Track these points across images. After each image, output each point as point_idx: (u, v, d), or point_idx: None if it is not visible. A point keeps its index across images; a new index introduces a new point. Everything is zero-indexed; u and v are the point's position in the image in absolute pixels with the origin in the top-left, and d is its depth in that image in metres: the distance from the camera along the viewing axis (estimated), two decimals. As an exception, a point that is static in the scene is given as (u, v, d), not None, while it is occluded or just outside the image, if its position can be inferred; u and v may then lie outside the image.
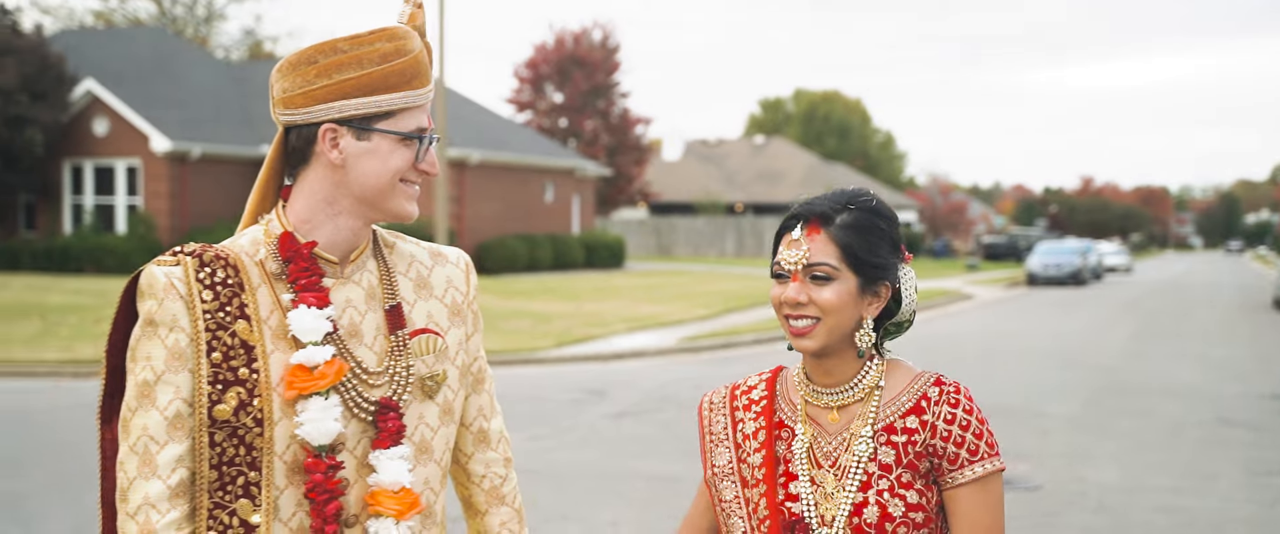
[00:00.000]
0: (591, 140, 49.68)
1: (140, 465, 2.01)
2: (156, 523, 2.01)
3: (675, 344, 18.17)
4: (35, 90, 30.39)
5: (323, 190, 2.12)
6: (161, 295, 2.04)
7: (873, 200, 2.17)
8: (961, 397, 2.13)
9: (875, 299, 2.14)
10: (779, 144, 68.22)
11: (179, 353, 2.03)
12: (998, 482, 2.13)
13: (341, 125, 2.08)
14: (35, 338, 16.97)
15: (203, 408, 2.02)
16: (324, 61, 2.07)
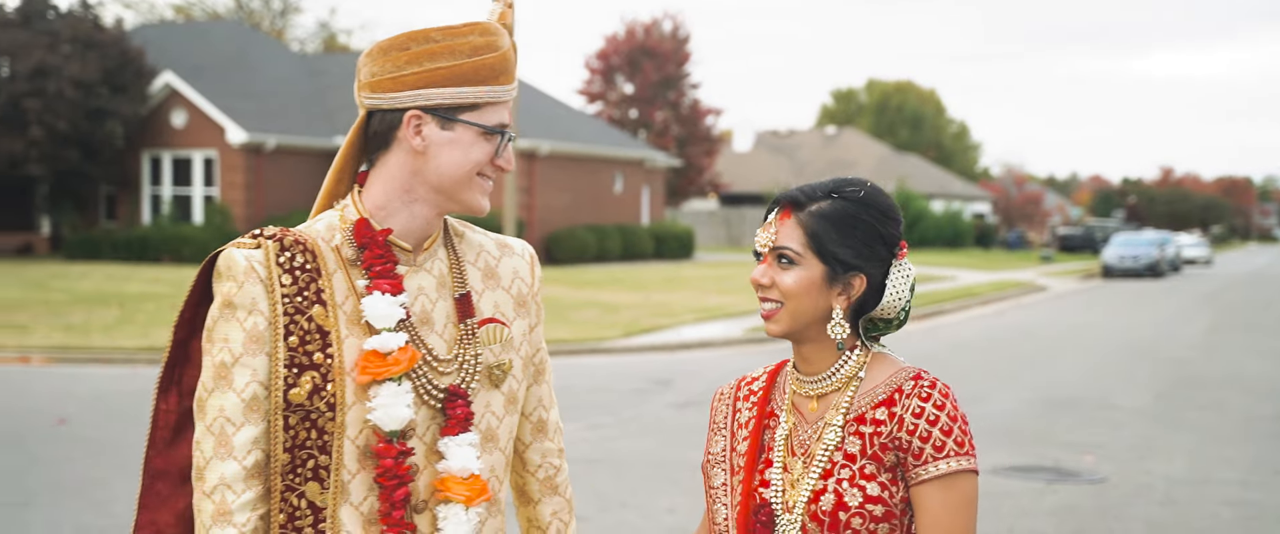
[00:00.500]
0: (662, 131, 49.71)
1: (216, 446, 2.04)
2: (232, 503, 2.04)
3: (742, 335, 18.17)
4: (116, 83, 31.03)
5: (401, 177, 2.14)
6: (242, 278, 2.06)
7: (861, 192, 2.13)
8: (935, 392, 2.07)
9: (846, 290, 2.11)
10: (850, 135, 67.79)
11: (257, 336, 2.06)
12: (966, 483, 2.05)
13: (426, 113, 2.10)
14: (114, 325, 17.37)
15: (278, 391, 2.05)
16: (416, 49, 2.10)
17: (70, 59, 30.45)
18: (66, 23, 31.61)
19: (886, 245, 2.13)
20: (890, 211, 2.14)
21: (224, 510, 2.03)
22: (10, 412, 10.98)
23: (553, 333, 17.39)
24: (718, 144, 52.29)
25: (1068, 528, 7.25)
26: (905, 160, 65.02)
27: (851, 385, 2.14)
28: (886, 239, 2.13)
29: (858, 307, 2.14)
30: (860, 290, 2.12)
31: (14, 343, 15.60)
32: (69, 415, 10.64)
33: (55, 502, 7.59)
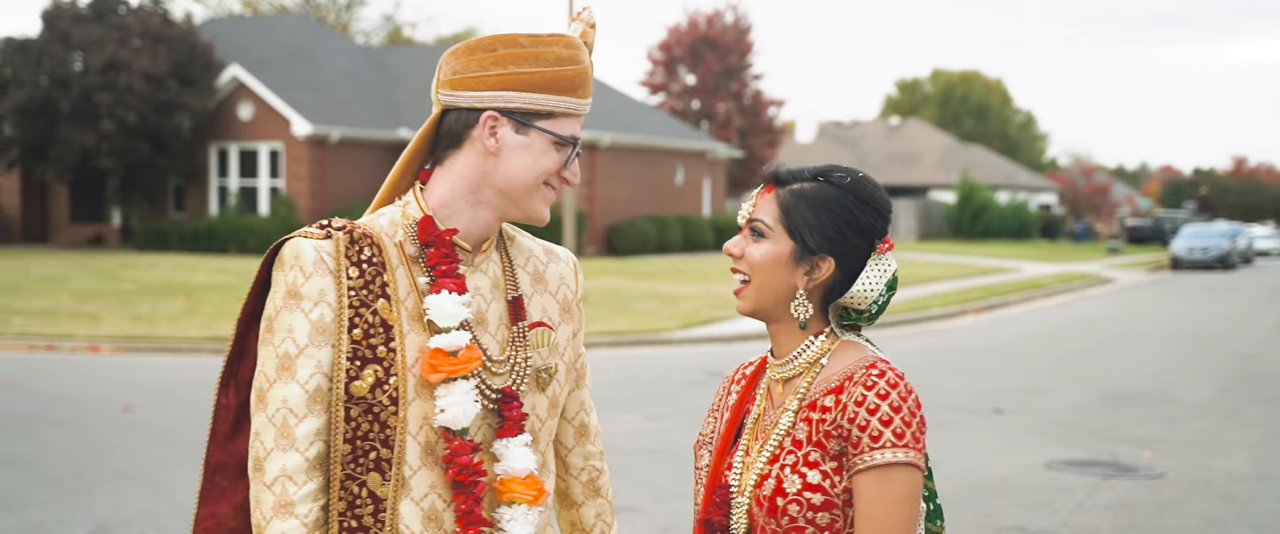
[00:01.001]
0: (724, 122, 49.59)
1: (278, 437, 2.04)
2: (293, 494, 2.04)
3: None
4: (184, 77, 31.52)
5: (469, 178, 2.15)
6: (310, 269, 2.07)
7: (847, 178, 2.11)
8: (881, 381, 2.02)
9: (812, 271, 2.09)
10: (914, 125, 67.26)
11: (323, 327, 2.06)
12: (902, 476, 1.99)
13: (503, 115, 2.12)
14: (180, 315, 17.67)
15: (341, 383, 2.05)
16: (502, 52, 2.13)
17: (140, 53, 30.97)
18: (137, 17, 32.15)
19: (862, 234, 2.09)
20: (872, 201, 2.11)
21: (285, 502, 2.03)
22: (79, 399, 11.22)
23: (613, 324, 17.46)
24: (780, 135, 52.06)
25: (1122, 523, 7.18)
26: (970, 151, 64.39)
27: (813, 371, 2.11)
28: (863, 228, 2.09)
29: (827, 291, 2.11)
30: (826, 274, 2.09)
31: (85, 332, 15.93)
32: (134, 404, 10.86)
33: (118, 488, 7.76)
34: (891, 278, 2.12)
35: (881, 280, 2.10)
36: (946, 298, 22.92)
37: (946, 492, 7.75)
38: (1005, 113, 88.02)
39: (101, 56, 30.64)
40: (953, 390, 12.16)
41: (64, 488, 7.75)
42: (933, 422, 10.29)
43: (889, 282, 2.11)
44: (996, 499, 7.65)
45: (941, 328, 19.18)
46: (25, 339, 15.48)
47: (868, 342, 2.16)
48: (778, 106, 50.95)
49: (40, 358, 14.32)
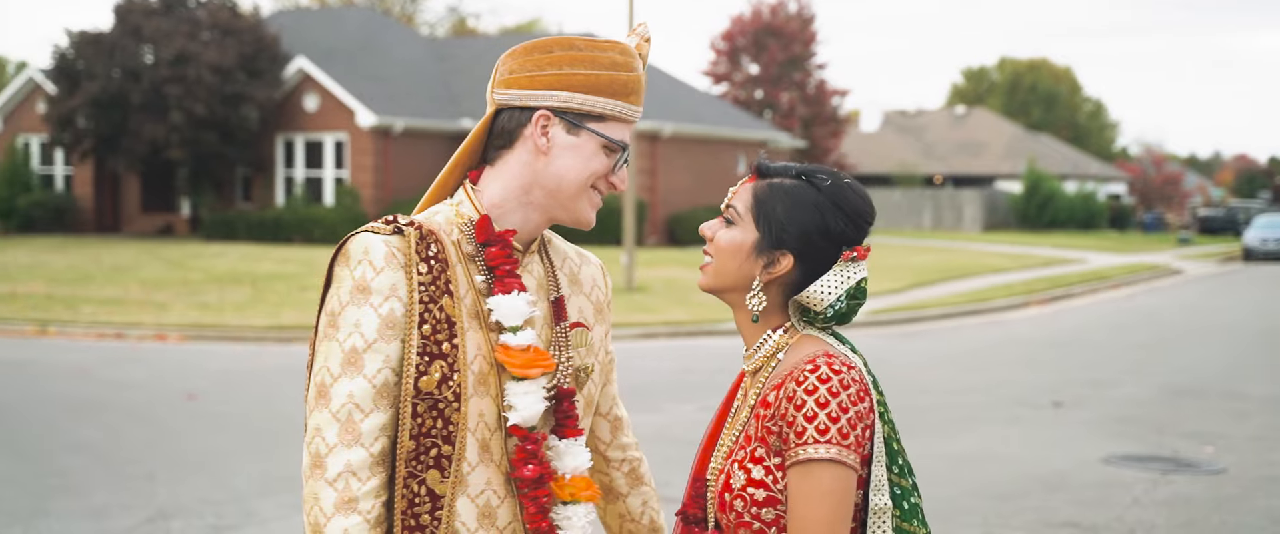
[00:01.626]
0: (787, 112, 49.39)
1: (342, 432, 2.03)
2: (357, 490, 2.02)
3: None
4: (252, 69, 31.92)
5: (521, 177, 2.18)
6: (381, 264, 2.07)
7: (827, 181, 2.11)
8: (812, 377, 2.00)
9: (771, 264, 2.10)
10: (980, 114, 66.54)
11: (392, 322, 2.06)
12: (824, 473, 1.97)
13: (556, 115, 2.15)
14: (245, 304, 17.94)
15: (410, 379, 2.05)
16: (559, 53, 2.16)
17: (209, 46, 31.41)
18: (206, 10, 32.61)
19: (830, 238, 2.09)
20: (848, 208, 2.10)
21: (349, 498, 2.02)
22: (144, 386, 11.44)
23: (672, 314, 17.48)
24: (844, 125, 51.77)
25: (1179, 519, 7.09)
26: (1037, 140, 63.61)
27: (770, 365, 2.12)
28: (832, 233, 2.09)
29: (786, 287, 2.11)
30: (784, 270, 2.09)
31: (153, 320, 16.23)
32: (199, 391, 11.05)
33: (179, 475, 7.91)
34: (855, 286, 2.10)
35: (842, 286, 2.09)
36: (1010, 289, 22.69)
37: (1005, 485, 7.72)
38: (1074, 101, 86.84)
39: (171, 49, 31.10)
40: (1013, 383, 12.06)
41: (126, 474, 7.91)
42: (990, 416, 10.20)
43: (851, 289, 2.10)
44: (1052, 494, 7.58)
45: (1004, 319, 19.00)
46: (95, 327, 15.80)
47: (838, 337, 2.15)
48: (841, 96, 50.65)
49: (109, 345, 14.61)
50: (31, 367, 12.69)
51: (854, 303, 2.11)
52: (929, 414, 10.29)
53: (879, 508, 2.05)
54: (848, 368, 2.02)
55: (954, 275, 25.28)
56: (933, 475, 8.00)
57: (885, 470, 2.07)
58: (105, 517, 6.92)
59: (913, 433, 9.40)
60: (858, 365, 2.07)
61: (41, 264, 24.58)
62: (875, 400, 2.07)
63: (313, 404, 2.07)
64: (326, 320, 2.09)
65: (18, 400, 10.64)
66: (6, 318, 16.64)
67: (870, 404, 2.04)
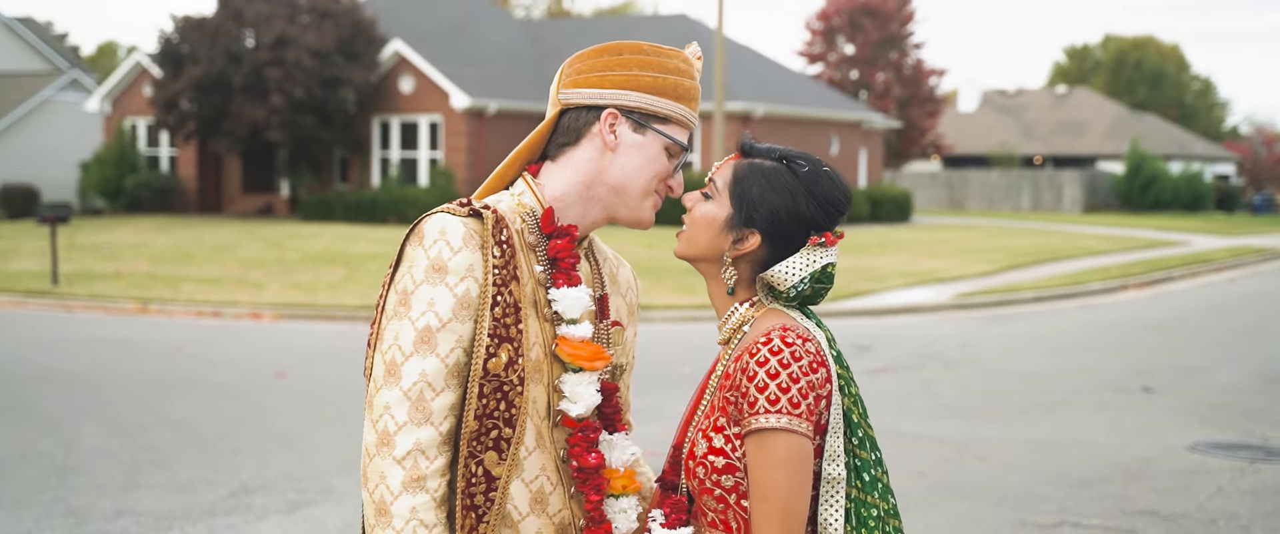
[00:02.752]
0: (882, 93, 48.88)
1: (413, 411, 2.05)
2: (425, 469, 2.05)
3: (950, 300, 17.83)
4: (349, 52, 32.40)
5: (585, 173, 2.23)
6: (459, 244, 2.10)
7: (806, 168, 2.17)
8: (764, 348, 2.06)
9: (740, 241, 2.17)
10: (1082, 94, 65.19)
11: (467, 302, 2.09)
12: (776, 442, 2.04)
13: (623, 114, 2.21)
14: (338, 284, 18.27)
15: (480, 359, 2.08)
16: (628, 56, 2.23)
17: (308, 29, 31.93)
18: (305, -6, 33.16)
19: (800, 223, 2.16)
20: (821, 195, 2.17)
21: (417, 476, 2.04)
22: (236, 363, 11.73)
23: (757, 296, 17.42)
24: (941, 105, 51.08)
25: (1265, 509, 6.92)
26: (1141, 120, 62.14)
27: (738, 336, 2.19)
28: (803, 217, 2.16)
29: (755, 264, 2.18)
30: (752, 247, 2.16)
31: (248, 299, 16.60)
32: (288, 369, 11.29)
33: (264, 450, 8.11)
34: (820, 270, 2.16)
35: (806, 269, 2.15)
36: (1107, 272, 22.24)
37: (1085, 471, 7.61)
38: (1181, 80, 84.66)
39: (271, 33, 31.67)
40: (1103, 368, 11.85)
41: (214, 449, 8.12)
42: (1075, 401, 10.03)
43: (816, 273, 2.16)
44: (1134, 481, 7.45)
45: (1099, 303, 18.64)
46: (194, 306, 16.21)
47: (805, 312, 2.20)
48: (939, 76, 49.98)
49: (206, 323, 14.99)
50: (130, 344, 13.07)
51: (819, 286, 2.18)
52: (1011, 398, 10.16)
53: (831, 477, 2.12)
54: (803, 340, 2.08)
55: (1049, 258, 24.85)
56: (1009, 460, 7.92)
57: (842, 442, 2.13)
58: (191, 491, 7.12)
59: (993, 417, 9.30)
60: (815, 338, 2.12)
61: (146, 243, 25.26)
62: (835, 373, 2.13)
63: (381, 381, 2.09)
64: (397, 298, 2.11)
65: (116, 377, 10.97)
66: (110, 296, 17.14)
67: (826, 375, 2.10)
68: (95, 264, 21.44)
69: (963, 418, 9.31)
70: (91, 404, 9.69)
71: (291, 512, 6.70)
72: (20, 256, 23.17)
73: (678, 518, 2.20)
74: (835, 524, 2.13)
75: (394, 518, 2.05)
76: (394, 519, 2.05)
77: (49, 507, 6.79)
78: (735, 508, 2.13)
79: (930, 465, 7.78)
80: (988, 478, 7.49)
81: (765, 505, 2.05)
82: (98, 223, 31.56)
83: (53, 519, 6.56)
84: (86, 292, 17.65)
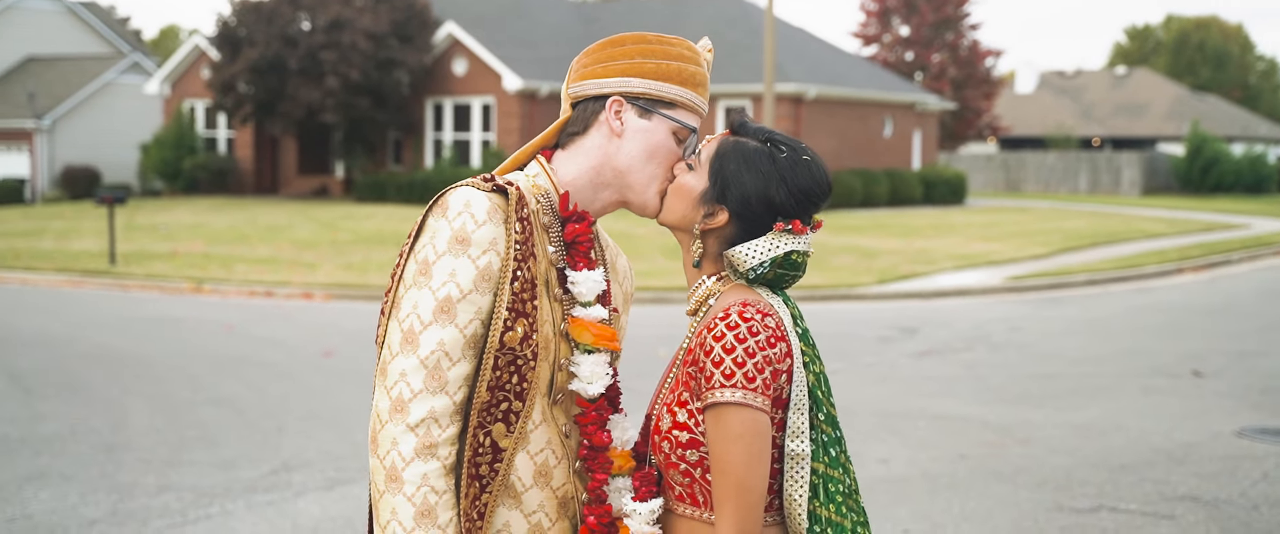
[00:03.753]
0: (938, 74, 48.44)
1: (429, 379, 2.08)
2: (437, 437, 2.08)
3: (1001, 283, 17.68)
4: (403, 34, 32.58)
5: (594, 158, 2.26)
6: (484, 217, 2.12)
7: (785, 154, 2.18)
8: (721, 323, 2.08)
9: (710, 216, 2.19)
10: (1142, 75, 64.23)
11: (489, 275, 2.12)
12: (731, 416, 2.05)
13: (628, 101, 2.25)
14: (389, 264, 18.41)
15: (497, 332, 2.11)
16: (631, 46, 2.28)
17: (363, 12, 32.13)
18: (359, -23, 33.35)
19: (769, 207, 2.17)
20: (793, 181, 2.17)
21: (430, 444, 2.08)
22: (286, 343, 11.87)
23: (806, 278, 17.33)
24: (997, 86, 50.53)
25: (1310, 496, 6.82)
26: (1203, 101, 61.11)
27: (703, 310, 2.22)
28: (774, 203, 2.17)
29: (722, 240, 2.21)
30: (720, 223, 2.19)
31: (300, 279, 16.79)
32: (335, 348, 11.41)
33: (307, 429, 8.21)
34: (783, 256, 2.17)
35: (768, 253, 2.16)
36: (1163, 255, 21.95)
37: (1127, 456, 7.53)
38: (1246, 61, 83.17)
39: (327, 16, 31.90)
40: (1153, 352, 11.71)
41: (258, 427, 8.24)
42: (1122, 385, 9.91)
43: (778, 258, 2.17)
44: (1177, 466, 7.36)
45: (1154, 286, 18.40)
46: (247, 286, 16.42)
47: (773, 289, 2.21)
48: (995, 57, 49.43)
49: (258, 303, 15.17)
50: (183, 323, 13.27)
51: (782, 272, 2.19)
52: (1057, 382, 10.07)
53: (795, 453, 2.13)
54: (762, 315, 2.09)
55: (1105, 240, 24.55)
56: (1050, 444, 7.85)
57: (806, 417, 2.14)
58: (233, 467, 7.23)
59: (1037, 401, 9.23)
60: (775, 313, 2.13)
61: (202, 224, 25.59)
62: (799, 349, 2.14)
63: (397, 348, 2.11)
64: (417, 268, 2.13)
65: (167, 355, 11.14)
66: (166, 276, 17.40)
67: (785, 351, 2.11)
68: (152, 244, 21.76)
69: (1007, 401, 9.25)
70: (142, 382, 9.85)
71: (330, 489, 6.79)
72: (80, 237, 23.57)
73: (648, 490, 2.23)
74: (800, 499, 2.14)
75: (405, 484, 2.08)
76: (405, 486, 2.08)
77: (95, 482, 6.92)
78: (701, 482, 2.15)
79: (971, 449, 7.74)
80: (1028, 461, 7.43)
81: (723, 479, 2.06)
82: (156, 204, 32.02)
83: (98, 494, 6.69)
84: (143, 271, 17.93)
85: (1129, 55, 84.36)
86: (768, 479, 2.09)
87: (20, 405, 8.98)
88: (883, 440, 7.95)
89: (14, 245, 22.27)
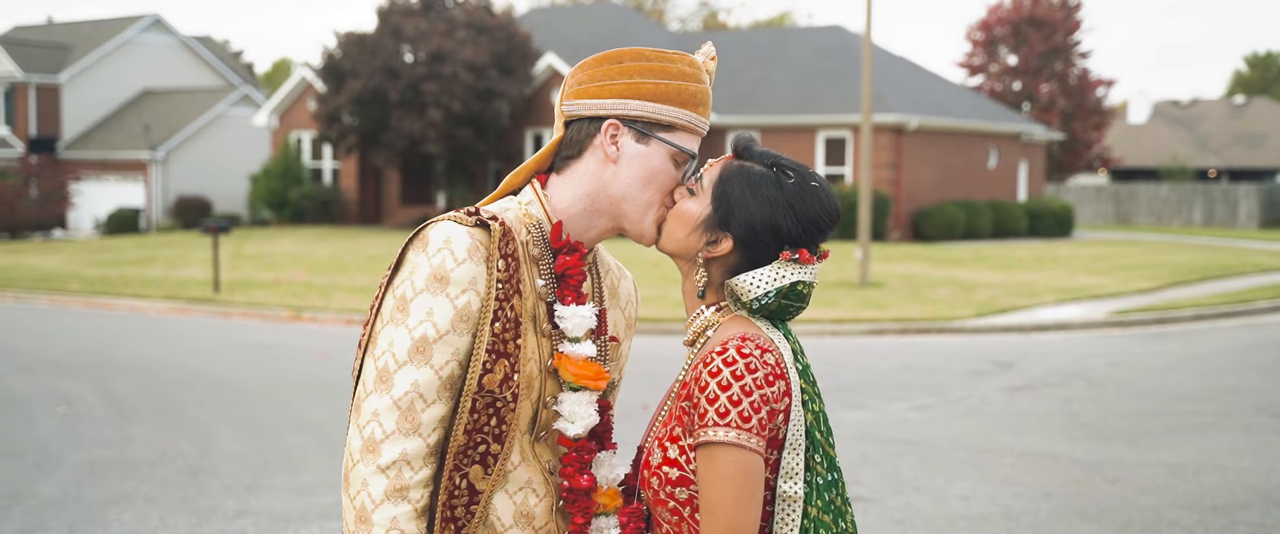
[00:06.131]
0: (1047, 105, 47.63)
1: (402, 420, 2.01)
2: (409, 479, 2.02)
3: (1104, 317, 17.23)
4: (503, 66, 32.98)
5: (589, 184, 2.16)
6: (464, 255, 2.04)
7: (793, 180, 2.08)
8: (717, 359, 1.98)
9: (713, 244, 2.09)
10: (1262, 104, 62.45)
11: (467, 315, 2.03)
12: (724, 456, 1.95)
13: (625, 124, 2.14)
14: (484, 294, 18.54)
15: (476, 375, 2.03)
16: (628, 63, 2.16)
17: (464, 44, 32.59)
18: (463, 10, 33.85)
19: (775, 236, 2.08)
20: (800, 209, 2.08)
21: (401, 486, 2.02)
22: (375, 371, 11.97)
23: (902, 311, 17.12)
24: (1108, 117, 49.51)
25: None
26: (1326, 131, 59.21)
27: (701, 341, 2.13)
28: (781, 231, 2.08)
29: (726, 269, 2.11)
30: (724, 251, 2.09)
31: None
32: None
33: (386, 455, 8.24)
34: (788, 286, 2.08)
35: (773, 283, 2.08)
36: (1277, 290, 21.25)
37: (1221, 497, 7.25)
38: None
39: (428, 48, 32.42)
40: (1259, 389, 11.30)
41: (340, 453, 8.31)
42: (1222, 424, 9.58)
43: (783, 288, 2.08)
44: (1274, 508, 7.06)
45: (1265, 322, 17.79)
46: (344, 314, 16.66)
47: (774, 322, 2.12)
48: (1107, 86, 48.47)
49: (354, 332, 15.37)
50: (277, 350, 13.49)
51: (787, 304, 2.09)
52: (1155, 419, 9.75)
53: (788, 496, 2.04)
54: (762, 352, 2.00)
55: (1216, 274, 23.83)
56: (1140, 483, 7.60)
57: (802, 458, 2.04)
58: (311, 493, 7.29)
59: (1131, 439, 8.94)
60: (775, 349, 2.04)
61: (306, 253, 26.08)
62: (799, 388, 2.04)
63: (371, 386, 2.05)
64: (395, 304, 2.06)
65: (260, 381, 11.33)
66: (266, 303, 17.74)
67: (784, 389, 2.02)
68: (256, 273, 22.22)
69: (1099, 438, 8.98)
70: (232, 407, 10.02)
71: (403, 516, 6.80)
72: (188, 265, 24.17)
73: (635, 527, 2.15)
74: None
75: (374, 527, 2.03)
76: (374, 528, 2.03)
77: (177, 505, 7.03)
78: (689, 521, 2.06)
79: (1057, 486, 7.51)
80: (1116, 501, 7.19)
81: (711, 521, 1.98)
82: (263, 233, 32.73)
83: (178, 518, 6.79)
84: (245, 299, 18.31)
85: (1249, 84, 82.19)
86: (758, 522, 2.00)
87: (115, 429, 9.18)
88: (965, 476, 7.75)
89: (125, 273, 22.91)
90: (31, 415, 9.73)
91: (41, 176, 38.02)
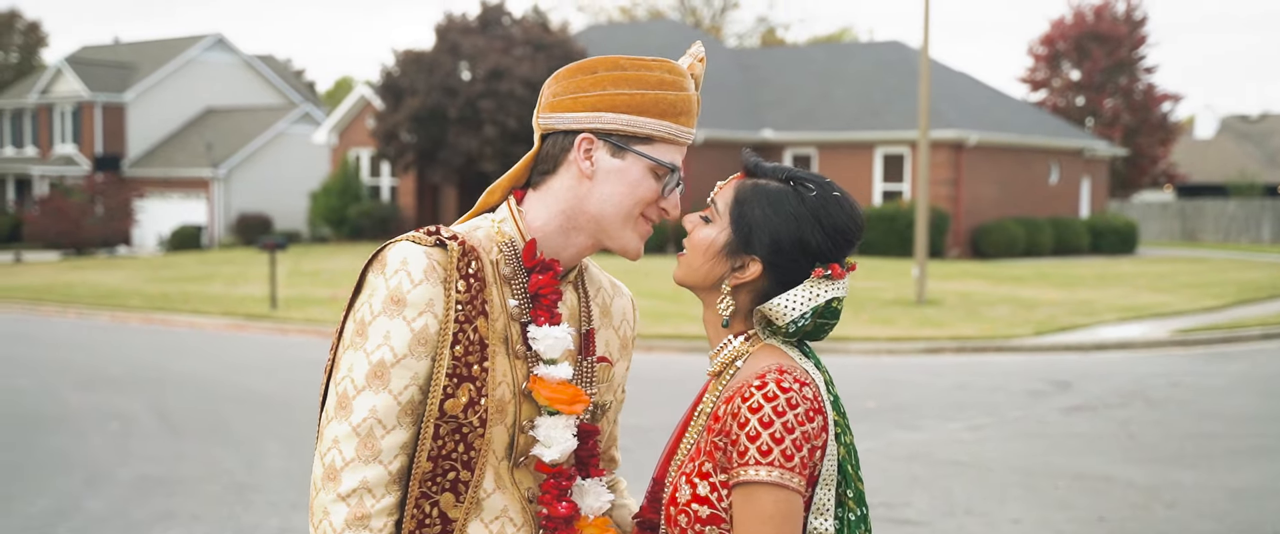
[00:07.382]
0: (1111, 120, 47.02)
1: (361, 447, 1.95)
2: (370, 508, 1.96)
3: (1166, 336, 16.89)
4: (559, 82, 33.05)
5: (564, 202, 2.08)
6: (419, 277, 1.98)
7: (814, 193, 1.98)
8: (758, 394, 1.87)
9: (740, 269, 1.99)
10: (1332, 118, 61.25)
11: (425, 338, 1.98)
12: (764, 496, 1.85)
13: (599, 138, 2.06)
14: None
15: (436, 400, 1.98)
16: (603, 73, 2.07)
17: (521, 61, 32.71)
18: (520, 27, 33.99)
19: (805, 252, 1.98)
20: (829, 224, 1.98)
21: (362, 515, 1.95)
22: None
23: (959, 329, 16.88)
24: (1174, 132, 48.78)
25: None
26: (1399, 146, 57.93)
27: (729, 373, 2.01)
28: (809, 247, 1.97)
29: (755, 294, 2.01)
30: (753, 276, 1.99)
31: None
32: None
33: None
34: (824, 304, 1.98)
35: (809, 303, 1.98)
36: (1346, 309, 20.74)
37: (1277, 524, 7.02)
38: None
39: (486, 65, 32.57)
40: (1325, 412, 10.99)
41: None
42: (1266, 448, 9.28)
43: (819, 308, 1.98)
44: (1340, 536, 6.84)
45: (1334, 342, 17.36)
46: (397, 330, 16.69)
47: (803, 350, 2.02)
48: (1172, 102, 47.75)
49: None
50: (329, 366, 13.52)
51: (822, 323, 2.00)
52: (1216, 442, 9.50)
53: (818, 532, 1.96)
54: (800, 384, 1.91)
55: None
56: (1199, 508, 7.39)
57: (833, 494, 1.96)
58: (353, 511, 7.25)
59: (1191, 461, 8.72)
60: (813, 382, 1.94)
61: (363, 270, 26.19)
62: (832, 421, 1.96)
63: (332, 413, 1.99)
64: (354, 328, 2.00)
65: (309, 397, 11.35)
66: (322, 320, 17.84)
67: (822, 424, 1.92)
68: (313, 289, 22.38)
69: (1157, 461, 8.76)
70: (280, 424, 10.05)
71: None
72: (247, 282, 24.40)
73: None
74: None
75: None
76: None
77: (221, 523, 7.03)
78: None
79: (1112, 511, 7.32)
80: (1173, 526, 6.99)
81: None
82: (322, 250, 33.01)
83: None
84: (301, 316, 18.42)
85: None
86: None
87: (165, 445, 9.24)
88: (1018, 499, 7.58)
89: (185, 289, 23.17)
90: (83, 431, 9.81)
91: (107, 194, 38.64)
